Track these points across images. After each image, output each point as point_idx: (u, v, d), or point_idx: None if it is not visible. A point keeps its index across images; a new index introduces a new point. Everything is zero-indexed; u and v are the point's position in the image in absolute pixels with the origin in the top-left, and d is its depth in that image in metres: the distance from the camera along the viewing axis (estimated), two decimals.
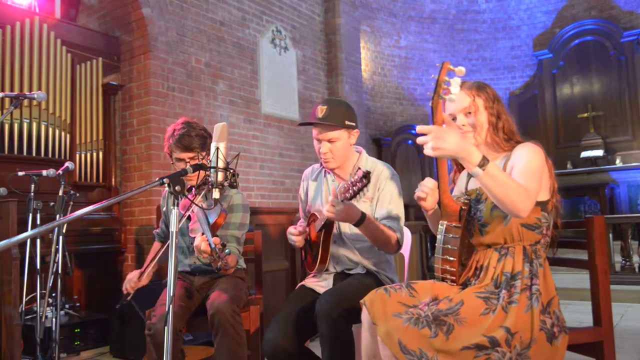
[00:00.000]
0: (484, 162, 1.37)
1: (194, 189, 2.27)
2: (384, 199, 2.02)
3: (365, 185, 1.73)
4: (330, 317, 1.74)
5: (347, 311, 1.73)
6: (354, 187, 1.74)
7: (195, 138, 2.22)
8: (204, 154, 2.21)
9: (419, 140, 1.39)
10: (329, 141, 2.01)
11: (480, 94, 1.65)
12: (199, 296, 2.30)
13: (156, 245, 2.49)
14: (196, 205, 1.75)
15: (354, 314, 1.64)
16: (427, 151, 1.37)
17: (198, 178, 2.16)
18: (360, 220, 1.85)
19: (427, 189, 1.64)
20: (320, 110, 1.99)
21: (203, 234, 1.95)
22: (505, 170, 1.57)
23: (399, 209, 2.03)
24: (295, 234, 2.04)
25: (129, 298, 2.19)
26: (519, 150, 1.58)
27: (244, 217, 2.31)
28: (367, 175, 1.71)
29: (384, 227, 1.95)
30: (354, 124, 2.05)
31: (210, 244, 1.85)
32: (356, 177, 1.74)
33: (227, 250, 1.89)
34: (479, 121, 1.63)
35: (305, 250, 2.14)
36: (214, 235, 1.92)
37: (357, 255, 2.04)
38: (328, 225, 1.95)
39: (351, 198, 1.78)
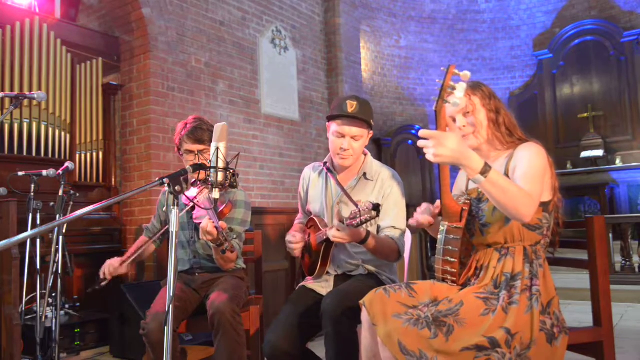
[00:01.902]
0: (485, 169, 1.37)
1: (199, 183, 2.28)
2: (388, 207, 2.01)
3: (374, 218, 1.72)
4: (335, 317, 1.74)
5: (351, 311, 1.73)
6: (362, 218, 1.72)
7: (207, 132, 2.30)
8: (207, 155, 2.23)
9: (420, 144, 1.39)
10: (353, 138, 2.00)
11: (476, 93, 1.65)
12: (198, 296, 2.30)
13: (143, 238, 2.50)
14: (199, 206, 1.75)
15: (359, 314, 1.64)
16: (428, 157, 1.37)
17: (199, 176, 2.17)
18: (364, 239, 1.85)
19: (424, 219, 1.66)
20: (350, 105, 1.97)
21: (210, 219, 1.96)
22: (508, 170, 1.57)
23: (402, 219, 2.02)
24: (294, 242, 2.04)
25: (103, 283, 2.19)
26: (522, 151, 1.58)
27: (246, 214, 2.32)
28: (377, 208, 1.70)
29: (385, 240, 1.95)
30: (373, 124, 2.06)
31: (217, 227, 1.87)
32: (365, 207, 1.72)
33: (234, 236, 1.90)
34: (478, 120, 1.63)
35: (303, 253, 2.13)
36: None
37: (357, 259, 2.04)
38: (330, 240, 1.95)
39: (357, 227, 1.77)
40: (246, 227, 2.34)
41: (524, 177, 1.48)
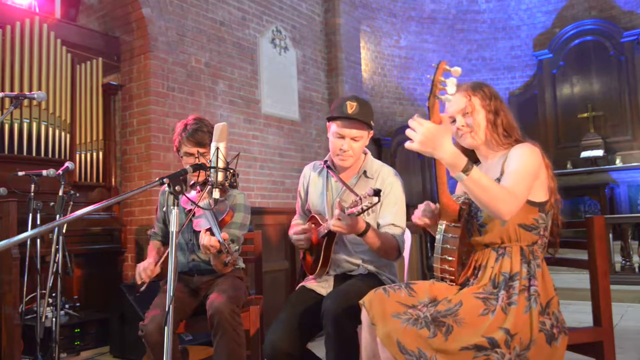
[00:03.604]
0: (467, 168, 1.38)
1: (198, 186, 2.26)
2: (388, 205, 2.01)
3: (375, 204, 1.71)
4: (335, 318, 1.74)
5: (352, 311, 1.72)
6: (363, 205, 1.71)
7: (207, 134, 2.26)
8: (208, 157, 2.22)
9: (408, 131, 1.38)
10: (353, 139, 1.99)
11: (476, 94, 1.66)
12: (197, 296, 2.30)
13: (153, 243, 2.44)
14: (199, 207, 1.75)
15: (359, 314, 1.64)
16: (411, 146, 1.37)
17: (199, 177, 2.16)
18: (365, 231, 1.85)
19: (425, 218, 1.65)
20: (350, 106, 1.96)
21: (208, 230, 1.95)
22: (504, 171, 1.57)
23: (402, 217, 2.02)
24: (298, 232, 2.03)
25: (143, 288, 2.10)
26: (515, 150, 1.59)
27: (245, 217, 2.31)
28: (378, 193, 1.68)
29: (386, 236, 1.94)
30: (373, 124, 2.05)
31: (219, 239, 1.86)
32: (366, 193, 1.71)
33: (236, 247, 1.89)
34: (476, 121, 1.64)
35: (305, 251, 2.13)
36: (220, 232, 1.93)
37: (357, 259, 2.04)
38: (331, 233, 1.94)
39: (359, 214, 1.76)
40: (245, 230, 2.32)
41: (511, 176, 1.49)
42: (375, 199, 1.69)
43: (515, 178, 1.48)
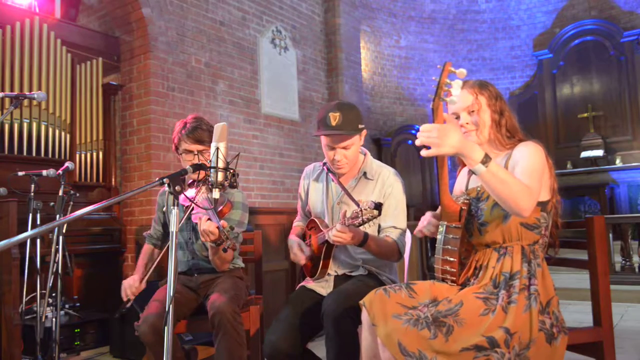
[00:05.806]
0: (486, 160, 1.37)
1: (195, 182, 2.27)
2: (389, 207, 2.00)
3: (376, 217, 1.71)
4: (336, 318, 1.74)
5: (352, 312, 1.72)
6: (364, 217, 1.71)
7: (206, 132, 2.28)
8: (207, 155, 2.22)
9: (420, 140, 1.38)
10: (344, 148, 1.97)
11: (483, 92, 1.65)
12: (197, 296, 2.30)
13: (147, 248, 2.46)
14: (197, 205, 1.75)
15: (360, 315, 1.64)
16: (430, 151, 1.37)
17: (198, 176, 2.16)
18: (364, 241, 1.85)
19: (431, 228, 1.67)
20: (333, 118, 1.92)
21: (208, 219, 1.95)
22: (506, 169, 1.57)
23: (402, 218, 2.02)
24: (300, 257, 2.03)
25: (128, 305, 2.17)
26: (521, 149, 1.59)
27: (243, 215, 2.31)
28: (379, 207, 1.68)
29: (385, 241, 1.95)
30: (363, 125, 2.02)
31: (218, 226, 1.86)
32: (366, 205, 1.71)
33: (236, 234, 1.89)
34: (481, 119, 1.64)
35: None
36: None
37: (357, 260, 2.04)
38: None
39: (359, 226, 1.76)
40: (243, 228, 2.32)
41: (523, 173, 1.49)
42: (376, 212, 1.69)
43: (528, 174, 1.48)
